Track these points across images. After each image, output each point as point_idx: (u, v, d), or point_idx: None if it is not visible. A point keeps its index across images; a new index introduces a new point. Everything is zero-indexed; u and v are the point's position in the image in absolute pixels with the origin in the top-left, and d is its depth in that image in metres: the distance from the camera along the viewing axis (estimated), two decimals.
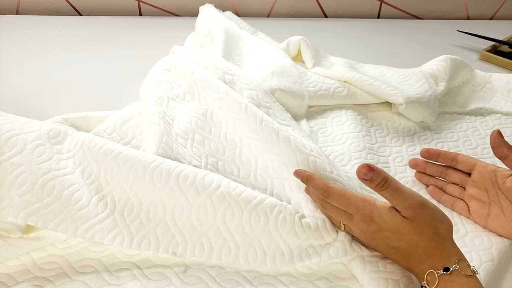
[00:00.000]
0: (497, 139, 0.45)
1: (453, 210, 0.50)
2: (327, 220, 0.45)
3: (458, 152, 0.52)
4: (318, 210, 0.46)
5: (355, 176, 0.41)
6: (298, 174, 0.46)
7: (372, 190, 0.50)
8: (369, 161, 0.55)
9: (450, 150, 0.59)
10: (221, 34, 0.69)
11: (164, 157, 0.46)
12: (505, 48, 0.86)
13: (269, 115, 0.54)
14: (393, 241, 0.40)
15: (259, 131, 0.52)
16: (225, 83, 0.56)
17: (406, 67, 0.70)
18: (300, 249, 0.43)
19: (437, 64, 0.68)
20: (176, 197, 0.43)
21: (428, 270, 0.37)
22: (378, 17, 1.02)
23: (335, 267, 0.44)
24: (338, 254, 0.43)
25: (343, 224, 0.44)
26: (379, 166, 0.55)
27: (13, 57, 0.76)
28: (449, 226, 0.40)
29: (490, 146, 0.59)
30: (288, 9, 0.99)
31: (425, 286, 0.37)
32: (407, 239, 0.39)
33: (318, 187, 0.43)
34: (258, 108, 0.53)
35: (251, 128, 0.52)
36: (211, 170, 0.50)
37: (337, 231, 0.45)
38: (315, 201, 0.46)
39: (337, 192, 0.42)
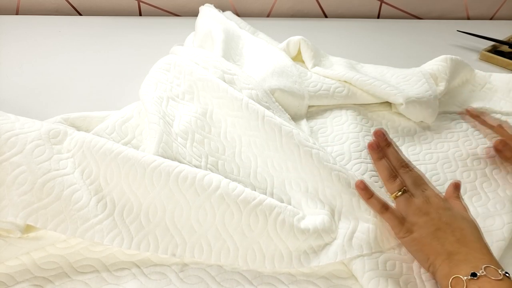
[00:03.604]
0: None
1: None
2: (326, 219, 0.45)
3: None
4: (319, 209, 0.47)
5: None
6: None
7: (372, 188, 0.50)
8: (369, 161, 0.55)
9: (450, 150, 0.59)
10: (221, 34, 0.69)
11: (164, 157, 0.46)
12: (505, 48, 0.85)
13: None
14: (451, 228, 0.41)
15: (260, 127, 0.52)
16: (225, 82, 0.56)
17: (406, 67, 0.70)
18: (298, 251, 0.43)
19: (437, 64, 0.68)
20: (175, 198, 0.43)
21: (452, 274, 0.38)
22: (378, 17, 1.02)
23: (335, 267, 0.44)
24: (337, 256, 0.43)
25: (401, 191, 0.46)
26: None
27: (13, 57, 0.76)
28: (473, 230, 0.41)
29: (489, 146, 0.60)
30: (288, 9, 0.99)
31: None
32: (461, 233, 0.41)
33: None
34: None
35: (252, 125, 0.52)
36: (211, 170, 0.50)
37: (336, 231, 0.45)
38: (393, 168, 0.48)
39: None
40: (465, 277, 0.37)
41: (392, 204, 0.46)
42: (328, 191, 0.48)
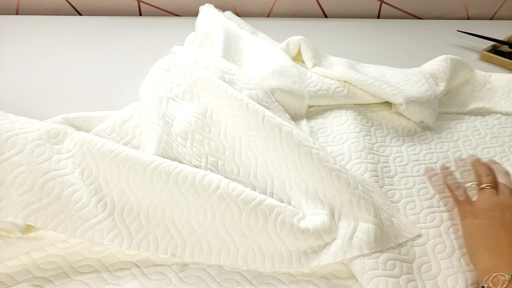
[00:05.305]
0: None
1: None
2: (326, 219, 0.45)
3: None
4: (319, 209, 0.47)
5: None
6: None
7: (372, 188, 0.50)
8: (369, 160, 0.55)
9: (450, 150, 0.59)
10: (221, 34, 0.69)
11: (164, 157, 0.46)
12: (505, 48, 0.85)
13: None
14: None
15: (260, 127, 0.52)
16: (225, 82, 0.56)
17: (406, 67, 0.70)
18: (298, 251, 0.43)
19: (437, 64, 0.68)
20: (175, 198, 0.43)
21: (495, 271, 0.39)
22: (378, 17, 1.02)
23: (335, 267, 0.44)
24: (338, 256, 0.43)
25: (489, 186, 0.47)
26: (379, 166, 0.55)
27: (13, 57, 0.76)
28: None
29: (489, 146, 0.60)
30: (288, 9, 0.99)
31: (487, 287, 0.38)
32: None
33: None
34: None
35: (252, 125, 0.52)
36: (211, 170, 0.50)
37: (336, 231, 0.45)
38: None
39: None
40: (509, 276, 0.37)
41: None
42: (328, 191, 0.48)
